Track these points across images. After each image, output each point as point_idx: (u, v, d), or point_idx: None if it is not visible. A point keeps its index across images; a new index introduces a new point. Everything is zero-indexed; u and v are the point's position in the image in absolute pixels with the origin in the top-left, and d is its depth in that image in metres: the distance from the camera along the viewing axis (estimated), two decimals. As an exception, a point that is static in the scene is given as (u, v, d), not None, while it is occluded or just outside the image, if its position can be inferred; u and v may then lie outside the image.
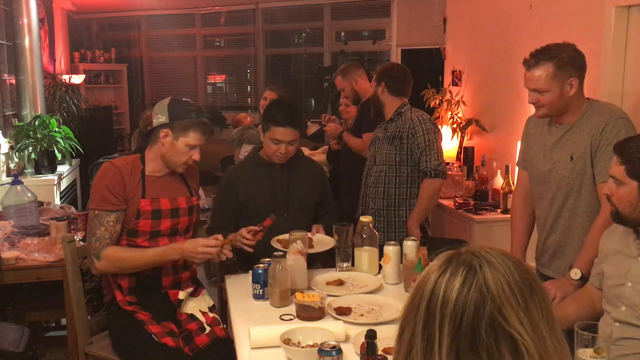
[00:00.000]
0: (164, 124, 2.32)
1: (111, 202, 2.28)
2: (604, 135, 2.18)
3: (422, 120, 3.01)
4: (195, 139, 2.34)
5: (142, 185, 2.35)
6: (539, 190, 2.44)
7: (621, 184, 1.83)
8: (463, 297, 0.90)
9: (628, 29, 2.88)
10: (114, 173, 2.32)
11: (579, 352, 1.60)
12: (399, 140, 3.03)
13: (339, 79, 4.04)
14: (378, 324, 1.94)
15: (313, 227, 2.70)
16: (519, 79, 3.69)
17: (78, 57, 7.91)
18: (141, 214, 2.32)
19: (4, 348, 2.29)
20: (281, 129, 2.62)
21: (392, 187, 3.07)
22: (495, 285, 0.90)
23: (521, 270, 0.93)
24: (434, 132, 3.01)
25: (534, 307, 0.91)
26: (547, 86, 2.22)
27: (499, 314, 0.88)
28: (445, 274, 0.93)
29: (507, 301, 0.89)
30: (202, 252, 2.25)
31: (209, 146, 9.33)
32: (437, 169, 2.96)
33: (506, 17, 4.09)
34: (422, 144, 2.97)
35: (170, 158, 2.36)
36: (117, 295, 2.35)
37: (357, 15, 7.44)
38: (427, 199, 2.99)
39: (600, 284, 1.98)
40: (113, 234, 2.28)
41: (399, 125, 3.06)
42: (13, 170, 4.35)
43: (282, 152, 2.66)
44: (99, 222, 2.27)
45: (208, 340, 2.28)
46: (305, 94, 8.05)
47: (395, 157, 3.05)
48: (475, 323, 0.88)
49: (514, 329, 0.88)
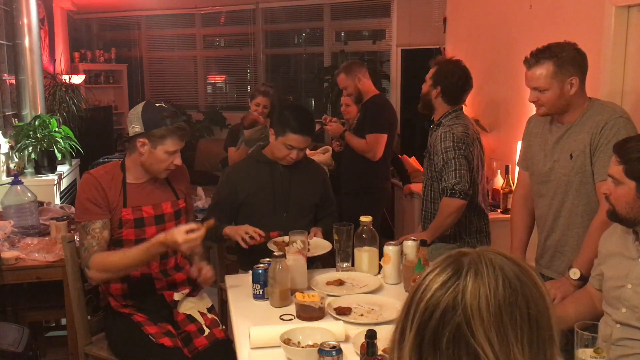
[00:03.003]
0: (139, 133, 2.27)
1: (94, 212, 2.26)
2: (604, 134, 2.18)
3: (443, 139, 2.68)
4: (173, 145, 2.28)
5: (124, 194, 2.31)
6: (539, 189, 2.44)
7: (619, 184, 1.83)
8: (435, 299, 0.88)
9: (628, 29, 2.88)
10: (93, 185, 2.28)
11: (579, 352, 1.60)
12: (429, 155, 2.85)
13: (342, 76, 3.97)
14: (378, 324, 1.94)
15: (311, 231, 2.68)
16: (518, 79, 3.69)
17: (78, 57, 7.91)
18: (124, 224, 2.30)
19: (4, 348, 2.29)
20: (297, 136, 2.62)
21: (429, 200, 2.87)
22: (472, 298, 0.87)
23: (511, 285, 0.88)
24: (454, 149, 2.64)
25: (511, 327, 0.87)
26: (547, 85, 2.23)
27: (466, 326, 0.86)
28: (435, 271, 0.92)
29: (479, 316, 0.86)
30: (183, 241, 2.12)
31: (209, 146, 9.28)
32: (454, 188, 2.61)
33: (506, 17, 4.09)
34: (439, 163, 2.69)
35: (150, 167, 2.32)
36: (111, 301, 2.35)
37: (357, 15, 7.43)
38: (442, 217, 2.66)
39: (600, 285, 1.98)
40: (101, 240, 2.25)
41: (432, 138, 2.82)
42: (13, 170, 4.35)
43: (293, 157, 2.67)
44: (85, 231, 2.26)
45: (207, 343, 2.27)
46: (305, 94, 8.05)
47: (428, 172, 2.85)
48: (439, 327, 0.87)
49: (479, 344, 0.85)
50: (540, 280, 0.93)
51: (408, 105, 6.82)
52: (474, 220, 2.82)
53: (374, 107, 3.90)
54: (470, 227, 2.81)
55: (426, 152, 2.88)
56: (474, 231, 2.82)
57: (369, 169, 3.90)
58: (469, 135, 2.72)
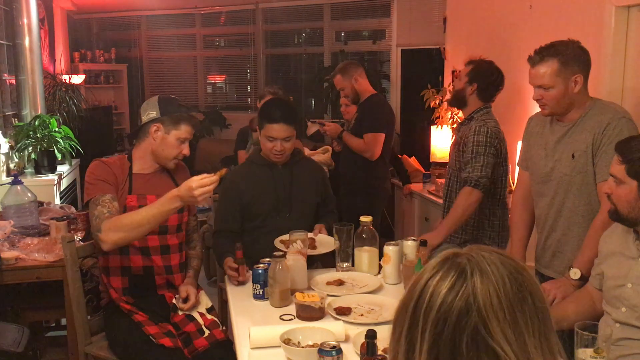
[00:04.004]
0: (155, 118, 2.37)
1: (103, 188, 2.32)
2: (606, 134, 2.18)
3: (477, 132, 2.77)
4: (186, 132, 2.40)
5: (130, 181, 2.39)
6: (539, 189, 2.44)
7: (621, 183, 1.83)
8: (447, 305, 0.86)
9: (628, 29, 2.88)
10: (103, 167, 2.39)
11: (579, 352, 1.60)
12: (458, 146, 2.92)
13: (339, 77, 3.98)
14: (378, 324, 1.94)
15: (315, 227, 2.69)
16: (518, 79, 3.69)
17: (78, 57, 7.91)
18: (127, 210, 2.32)
19: (4, 348, 2.29)
20: (275, 125, 2.62)
21: (453, 191, 2.95)
22: (483, 297, 0.86)
23: (516, 280, 0.88)
24: (486, 145, 2.74)
25: (523, 321, 0.87)
26: (551, 82, 2.22)
27: (483, 327, 0.85)
28: (436, 275, 0.89)
29: (494, 314, 0.85)
30: (197, 186, 2.10)
31: (209, 146, 9.27)
32: (479, 181, 2.68)
33: (506, 17, 4.09)
34: (468, 154, 2.76)
35: (162, 152, 2.40)
36: (112, 294, 2.36)
37: (357, 15, 7.43)
38: (462, 208, 2.69)
39: (600, 284, 1.97)
40: (112, 209, 2.27)
41: (464, 130, 2.91)
42: (13, 170, 4.35)
43: (278, 150, 2.65)
44: (96, 203, 2.29)
45: (207, 344, 2.27)
46: (305, 94, 8.05)
47: (456, 163, 2.93)
48: (457, 333, 0.85)
49: (497, 343, 0.84)
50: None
51: (408, 105, 6.83)
52: (497, 213, 2.91)
53: (371, 107, 3.91)
54: (494, 220, 2.90)
55: (455, 144, 2.96)
56: (497, 224, 2.91)
57: (368, 169, 3.90)
58: (500, 131, 2.85)
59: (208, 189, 2.12)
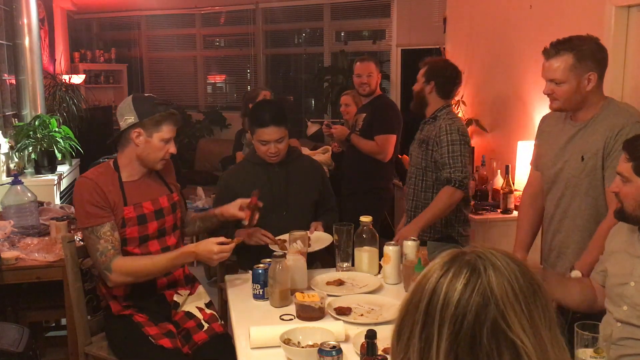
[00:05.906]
0: (133, 124, 2.26)
1: (99, 215, 2.23)
2: (619, 140, 2.10)
3: (449, 130, 2.81)
4: (169, 131, 2.30)
5: (122, 192, 2.30)
6: (548, 189, 2.41)
7: (628, 181, 1.82)
8: (465, 301, 0.87)
9: (628, 29, 2.88)
10: (92, 187, 2.25)
11: (579, 352, 1.60)
12: (425, 145, 2.94)
13: (373, 65, 3.99)
14: (378, 324, 1.94)
15: (311, 225, 2.69)
16: (519, 79, 3.69)
17: (78, 57, 7.91)
18: (127, 222, 2.29)
19: (4, 348, 2.29)
20: (265, 129, 2.62)
21: (420, 190, 2.98)
22: (500, 290, 0.87)
23: (526, 275, 0.90)
24: (461, 143, 2.80)
25: (537, 314, 0.88)
26: (564, 77, 2.17)
27: (502, 320, 0.86)
28: (447, 274, 0.90)
29: (511, 307, 0.86)
30: (218, 255, 2.23)
31: (209, 146, 9.27)
32: (463, 182, 2.75)
33: (506, 17, 4.09)
34: (445, 154, 2.79)
35: (147, 157, 2.31)
36: (112, 306, 2.33)
37: (357, 15, 7.43)
38: (444, 206, 2.76)
39: (603, 281, 1.97)
40: (115, 242, 2.24)
41: (430, 129, 2.94)
42: (13, 170, 4.36)
43: (272, 152, 2.66)
44: (96, 236, 2.23)
45: (207, 337, 2.28)
46: (305, 94, 8.05)
47: (422, 162, 2.95)
48: (476, 328, 0.86)
49: (516, 335, 0.86)
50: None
51: (408, 106, 6.79)
52: (462, 209, 2.96)
53: (382, 108, 3.91)
54: (460, 216, 2.96)
55: (420, 143, 2.98)
56: (462, 220, 2.97)
57: (377, 170, 3.89)
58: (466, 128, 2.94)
59: (226, 256, 2.26)
